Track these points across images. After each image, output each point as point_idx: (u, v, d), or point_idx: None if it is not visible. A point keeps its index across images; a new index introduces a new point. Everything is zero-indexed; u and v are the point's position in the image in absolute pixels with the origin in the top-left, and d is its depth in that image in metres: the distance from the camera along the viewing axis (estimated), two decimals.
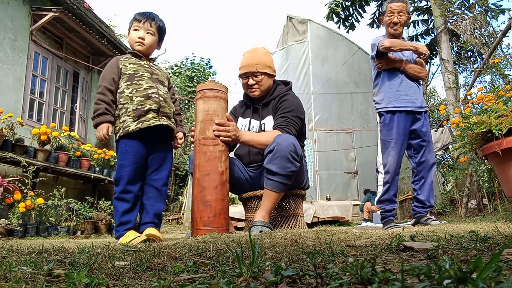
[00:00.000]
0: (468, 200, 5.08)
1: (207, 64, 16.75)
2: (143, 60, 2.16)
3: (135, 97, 2.03)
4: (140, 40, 2.13)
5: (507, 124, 2.13)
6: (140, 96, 2.03)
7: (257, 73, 2.38)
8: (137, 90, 2.04)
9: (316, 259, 0.84)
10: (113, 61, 2.13)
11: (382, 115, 2.69)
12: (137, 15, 2.16)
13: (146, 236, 1.87)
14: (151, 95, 2.05)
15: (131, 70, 2.08)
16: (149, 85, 2.07)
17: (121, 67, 2.09)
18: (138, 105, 2.02)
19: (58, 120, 6.47)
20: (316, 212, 5.65)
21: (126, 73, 2.07)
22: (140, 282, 0.72)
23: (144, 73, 2.10)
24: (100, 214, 5.31)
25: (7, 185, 3.99)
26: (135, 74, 2.08)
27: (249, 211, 2.41)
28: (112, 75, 2.07)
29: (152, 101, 2.04)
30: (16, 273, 0.74)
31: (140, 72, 2.09)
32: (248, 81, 2.40)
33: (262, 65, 2.40)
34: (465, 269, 0.49)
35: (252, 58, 2.42)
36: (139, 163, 2.04)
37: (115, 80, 2.07)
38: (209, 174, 1.98)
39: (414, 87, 2.70)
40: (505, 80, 4.86)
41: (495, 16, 6.84)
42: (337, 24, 9.20)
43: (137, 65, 2.12)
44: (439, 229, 1.58)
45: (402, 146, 2.61)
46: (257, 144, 2.22)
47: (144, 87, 2.06)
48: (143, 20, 2.13)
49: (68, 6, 6.23)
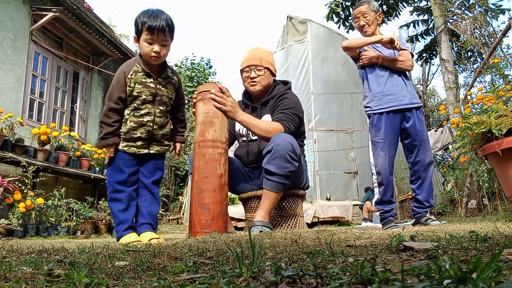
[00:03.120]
0: (468, 200, 5.08)
1: (207, 64, 16.75)
2: (150, 77, 2.07)
3: (130, 121, 2.05)
4: (155, 55, 2.00)
5: (507, 124, 2.13)
6: (134, 121, 2.04)
7: (260, 67, 2.40)
8: (134, 114, 2.05)
9: (316, 259, 0.84)
10: (120, 77, 2.05)
11: (370, 116, 2.71)
12: (149, 23, 1.96)
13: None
14: (145, 123, 2.05)
15: (135, 92, 2.03)
16: (146, 111, 2.05)
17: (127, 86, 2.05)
18: (129, 129, 2.04)
19: (58, 120, 6.47)
20: (316, 212, 5.65)
21: (131, 95, 2.05)
22: (140, 282, 0.72)
23: (147, 97, 2.05)
24: (100, 214, 5.31)
25: (7, 185, 3.99)
26: (138, 96, 2.04)
27: (249, 211, 2.41)
28: (119, 93, 2.04)
29: (143, 130, 2.05)
30: (16, 273, 0.74)
31: (143, 96, 2.04)
32: (250, 74, 2.42)
33: (266, 60, 2.43)
34: (465, 269, 0.49)
35: (256, 53, 2.47)
36: (129, 169, 2.07)
37: (122, 98, 2.04)
38: (208, 177, 1.98)
39: (401, 84, 2.69)
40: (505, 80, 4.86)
41: (495, 16, 6.84)
42: (337, 24, 9.21)
43: (142, 85, 2.04)
44: (439, 229, 1.58)
45: (391, 146, 2.61)
46: (255, 128, 2.18)
47: (141, 113, 2.05)
48: (157, 32, 1.97)
49: (68, 6, 6.23)
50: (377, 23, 2.84)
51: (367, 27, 2.79)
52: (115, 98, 2.04)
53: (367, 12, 2.79)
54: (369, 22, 2.78)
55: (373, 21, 2.79)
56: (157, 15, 1.99)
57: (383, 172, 2.57)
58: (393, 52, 2.77)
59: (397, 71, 2.72)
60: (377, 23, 2.83)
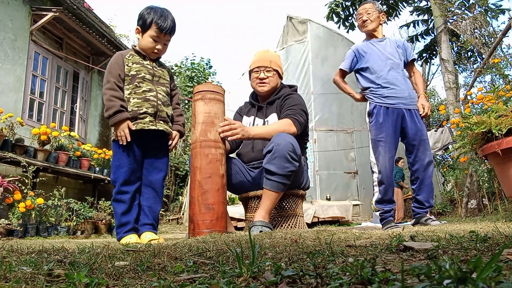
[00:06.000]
0: (468, 200, 5.08)
1: (207, 64, 16.74)
2: (146, 60, 2.13)
3: (132, 98, 2.02)
4: (157, 52, 2.11)
5: (507, 124, 2.13)
6: (137, 98, 2.02)
7: (269, 68, 2.47)
8: (136, 92, 2.03)
9: (316, 259, 0.84)
10: (118, 57, 2.09)
11: (370, 104, 2.74)
12: (160, 23, 2.03)
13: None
14: (149, 98, 2.03)
15: (134, 71, 2.06)
16: (148, 87, 2.05)
17: (125, 65, 2.07)
18: (134, 106, 2.00)
19: (58, 120, 6.47)
20: (316, 212, 5.65)
21: (128, 74, 2.05)
22: (140, 282, 0.72)
23: (146, 75, 2.07)
24: (100, 214, 5.31)
25: (7, 185, 3.99)
26: (137, 75, 2.05)
27: (249, 211, 2.41)
28: (119, 71, 2.04)
29: (149, 104, 2.02)
30: (16, 273, 0.74)
31: (142, 74, 2.06)
32: (260, 75, 2.47)
33: (275, 63, 2.51)
34: (465, 269, 0.49)
35: (266, 55, 2.53)
36: (135, 164, 2.04)
37: (121, 77, 2.04)
38: (211, 177, 1.97)
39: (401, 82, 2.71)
40: (505, 80, 4.86)
41: (495, 16, 6.85)
42: (337, 24, 9.21)
43: (139, 65, 2.08)
44: (439, 229, 1.58)
45: (391, 145, 2.61)
46: (269, 136, 2.18)
47: (143, 90, 2.04)
48: (164, 33, 2.06)
49: (68, 6, 6.23)
50: (380, 23, 2.88)
51: (368, 22, 2.84)
52: (116, 75, 2.02)
53: (371, 9, 2.85)
54: (371, 18, 2.83)
55: (375, 18, 2.84)
56: (167, 16, 2.08)
57: (383, 170, 2.57)
58: (394, 51, 2.79)
59: (396, 69, 2.73)
60: (379, 22, 2.87)
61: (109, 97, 1.96)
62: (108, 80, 2.02)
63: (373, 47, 2.80)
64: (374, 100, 2.72)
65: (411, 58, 2.87)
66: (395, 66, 2.74)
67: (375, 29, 2.85)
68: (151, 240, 1.90)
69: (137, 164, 2.05)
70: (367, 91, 2.77)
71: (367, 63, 2.78)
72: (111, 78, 2.01)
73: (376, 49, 2.79)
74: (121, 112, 1.95)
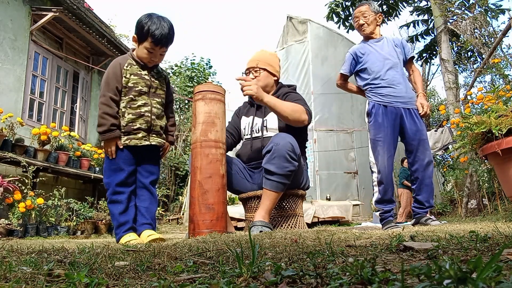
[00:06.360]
0: (468, 200, 5.08)
1: (207, 64, 16.72)
2: (144, 70, 2.10)
3: (127, 113, 2.03)
4: (152, 62, 2.11)
5: (507, 124, 2.13)
6: (132, 113, 2.03)
7: (256, 68, 2.46)
8: (131, 106, 2.03)
9: (316, 259, 0.84)
10: (116, 68, 2.06)
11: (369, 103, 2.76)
12: (156, 36, 1.99)
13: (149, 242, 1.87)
14: (143, 114, 2.04)
15: (131, 83, 2.05)
16: (143, 102, 2.05)
17: (122, 77, 2.05)
18: (128, 122, 2.02)
19: (58, 120, 6.47)
20: (316, 212, 5.65)
21: (126, 86, 2.05)
22: (140, 282, 0.72)
23: (143, 88, 2.06)
24: (100, 214, 5.31)
25: (7, 185, 3.99)
26: (134, 87, 2.04)
27: (249, 211, 2.41)
28: (116, 83, 2.03)
29: (143, 120, 2.04)
30: (16, 273, 0.74)
31: (138, 87, 2.05)
32: (249, 76, 2.47)
33: (263, 61, 2.48)
34: (465, 269, 0.49)
35: (255, 56, 2.54)
36: (128, 168, 2.05)
37: (119, 89, 2.03)
38: (212, 177, 1.98)
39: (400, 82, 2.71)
40: (505, 80, 4.86)
41: (495, 16, 6.85)
42: (337, 24, 9.21)
43: (137, 76, 2.06)
44: (439, 229, 1.58)
45: (391, 145, 2.61)
46: (280, 109, 2.17)
47: (138, 104, 2.04)
48: (160, 46, 2.03)
49: (68, 6, 6.23)
50: (377, 24, 2.87)
51: (365, 26, 2.83)
52: (113, 88, 2.02)
53: (367, 12, 2.83)
54: (368, 21, 2.82)
55: (372, 21, 2.83)
56: (164, 26, 2.01)
57: (383, 170, 2.58)
58: (392, 50, 2.79)
59: (395, 68, 2.73)
60: (376, 23, 2.86)
61: (102, 114, 2.00)
62: (104, 93, 2.03)
63: (371, 48, 2.81)
64: (372, 98, 2.72)
65: (410, 55, 2.86)
66: (394, 66, 2.74)
67: (373, 31, 2.85)
68: (151, 235, 1.92)
69: (130, 168, 2.07)
70: (367, 89, 2.79)
71: (365, 64, 2.79)
72: (107, 92, 2.01)
73: (373, 49, 2.79)
74: (111, 131, 1.99)
